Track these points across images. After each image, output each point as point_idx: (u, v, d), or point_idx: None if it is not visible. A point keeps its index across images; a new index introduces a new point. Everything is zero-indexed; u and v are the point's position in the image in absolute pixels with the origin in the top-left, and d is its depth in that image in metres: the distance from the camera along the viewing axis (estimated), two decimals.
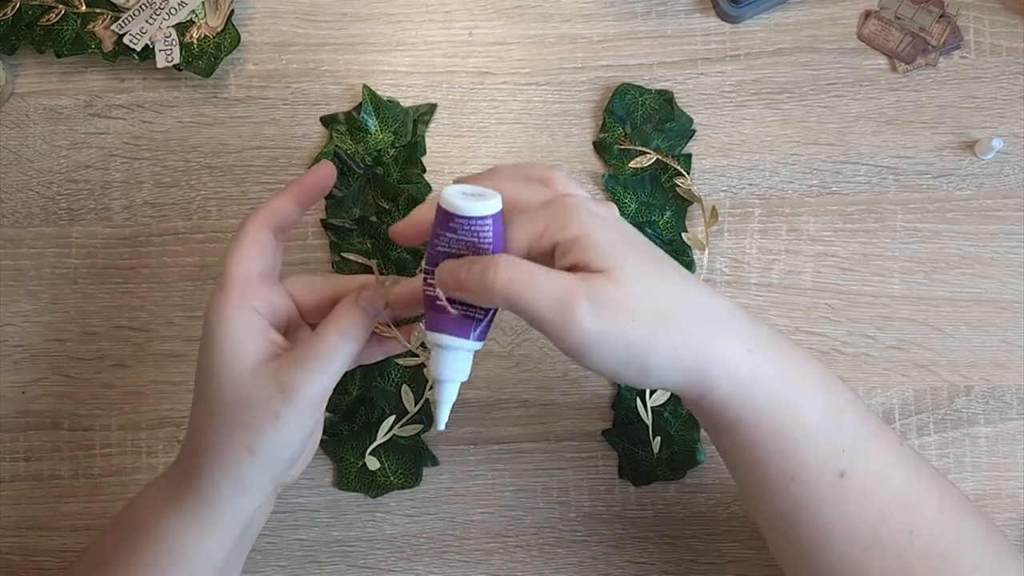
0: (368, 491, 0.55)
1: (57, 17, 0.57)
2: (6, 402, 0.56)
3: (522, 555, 0.55)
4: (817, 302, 0.57)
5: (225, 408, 0.42)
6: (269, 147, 0.58)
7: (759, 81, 0.59)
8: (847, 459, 0.40)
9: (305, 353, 0.42)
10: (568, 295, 0.37)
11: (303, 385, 0.41)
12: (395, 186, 0.57)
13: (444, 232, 0.39)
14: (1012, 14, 0.59)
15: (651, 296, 0.38)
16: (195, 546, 0.44)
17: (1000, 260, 0.57)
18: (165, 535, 0.44)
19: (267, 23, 0.59)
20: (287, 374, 0.41)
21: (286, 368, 0.41)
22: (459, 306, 0.40)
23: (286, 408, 0.41)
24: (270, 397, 0.41)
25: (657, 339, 0.38)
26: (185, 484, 0.44)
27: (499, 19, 0.59)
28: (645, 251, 0.40)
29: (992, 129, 0.58)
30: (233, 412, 0.42)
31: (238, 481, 0.43)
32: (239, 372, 0.41)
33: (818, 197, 0.58)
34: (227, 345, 0.42)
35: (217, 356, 0.42)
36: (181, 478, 0.44)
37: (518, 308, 0.38)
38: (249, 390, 0.41)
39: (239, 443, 0.42)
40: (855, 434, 0.41)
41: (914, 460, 0.42)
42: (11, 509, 0.56)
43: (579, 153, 0.58)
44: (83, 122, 0.58)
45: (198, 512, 0.43)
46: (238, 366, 0.42)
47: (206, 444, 0.43)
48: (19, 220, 0.58)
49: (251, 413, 0.41)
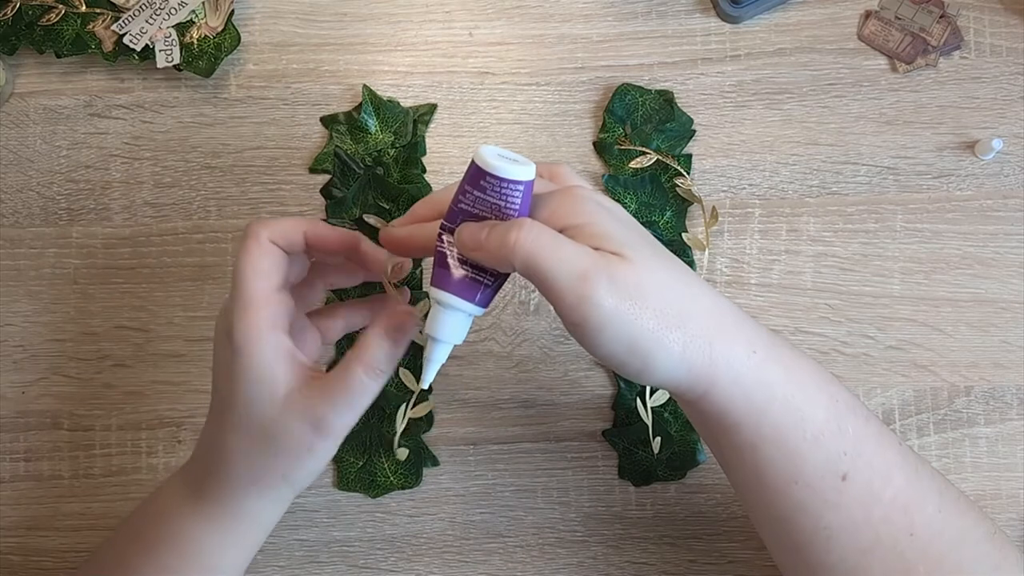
0: (368, 491, 0.55)
1: (57, 17, 0.57)
2: (6, 402, 0.56)
3: (522, 555, 0.55)
4: (817, 302, 0.57)
5: (259, 436, 0.42)
6: (269, 147, 0.58)
7: (759, 81, 0.59)
8: (849, 462, 0.40)
9: (336, 389, 0.41)
10: (590, 268, 0.37)
11: (335, 421, 0.42)
12: (395, 186, 0.57)
13: (472, 190, 0.39)
14: (1012, 14, 0.59)
15: (665, 289, 0.38)
16: (221, 555, 0.44)
17: (1000, 260, 0.57)
18: (191, 544, 0.44)
19: (267, 23, 0.59)
20: (320, 411, 0.41)
21: (318, 404, 0.41)
22: (470, 267, 0.39)
23: (320, 443, 0.42)
24: (304, 432, 0.41)
25: (668, 333, 0.37)
26: (210, 497, 0.44)
27: (499, 19, 0.59)
28: (655, 244, 0.40)
29: (992, 129, 0.58)
30: (268, 442, 0.42)
31: (272, 500, 0.44)
32: (273, 401, 0.41)
33: (818, 197, 0.58)
34: (259, 374, 0.41)
35: (248, 384, 0.41)
36: (204, 489, 0.44)
37: (537, 273, 0.37)
38: (283, 423, 0.42)
39: (276, 471, 0.43)
40: (857, 436, 0.41)
41: (914, 461, 0.42)
42: (11, 509, 0.56)
43: (579, 153, 0.58)
44: (83, 122, 0.58)
45: (225, 524, 0.44)
46: (272, 395, 0.41)
47: (238, 465, 0.43)
48: (19, 220, 0.58)
49: (286, 445, 0.42)
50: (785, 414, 0.40)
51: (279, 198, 0.58)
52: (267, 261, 0.42)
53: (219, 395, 0.43)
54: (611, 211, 0.40)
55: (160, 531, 0.45)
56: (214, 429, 0.44)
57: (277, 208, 0.58)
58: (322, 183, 0.58)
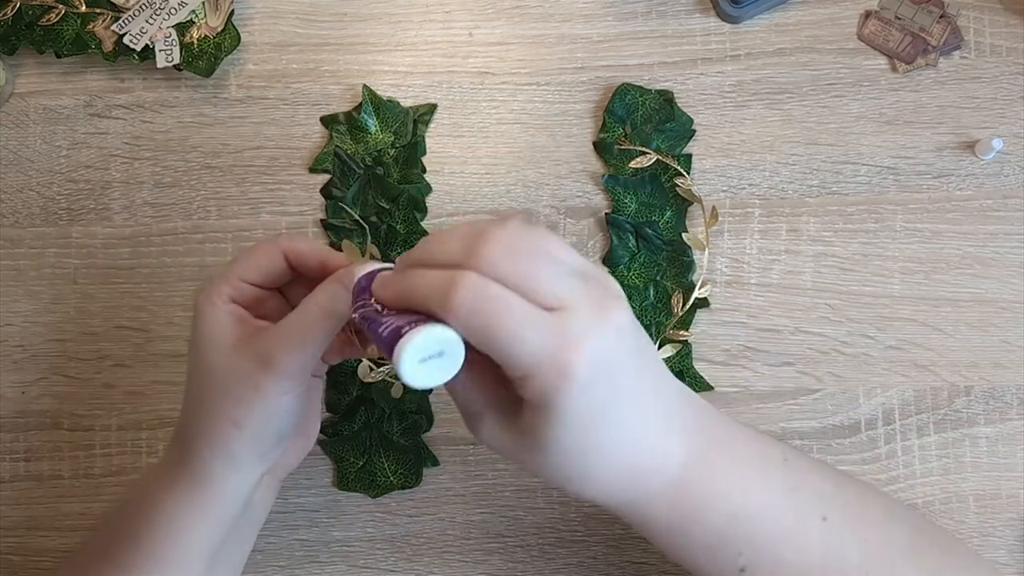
0: (368, 491, 0.55)
1: (57, 17, 0.57)
2: (6, 402, 0.56)
3: (522, 555, 0.55)
4: (817, 302, 0.57)
5: (211, 385, 0.42)
6: (269, 147, 0.58)
7: (759, 81, 0.59)
8: (745, 560, 0.40)
9: (284, 325, 0.41)
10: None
11: (281, 355, 0.41)
12: (395, 186, 0.57)
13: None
14: (1012, 14, 0.59)
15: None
16: (189, 524, 0.44)
17: (1000, 260, 0.57)
18: (160, 516, 0.44)
19: (267, 23, 0.59)
20: (265, 345, 0.41)
21: (265, 340, 0.41)
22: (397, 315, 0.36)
23: (265, 378, 0.41)
24: (250, 369, 0.41)
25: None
26: (179, 465, 0.44)
27: (499, 19, 0.59)
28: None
29: (992, 129, 0.58)
30: (218, 388, 0.42)
31: (228, 457, 0.43)
32: (222, 348, 0.42)
33: (818, 197, 0.58)
34: (212, 328, 0.42)
35: (201, 337, 0.43)
36: (174, 461, 0.45)
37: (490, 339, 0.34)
38: (231, 364, 0.42)
39: (225, 418, 0.42)
40: (752, 533, 0.40)
41: (839, 527, 0.41)
42: (11, 509, 0.56)
43: (579, 153, 0.58)
44: (83, 122, 0.58)
45: (192, 493, 0.44)
46: (221, 342, 0.42)
47: (196, 423, 0.43)
48: (19, 220, 0.58)
49: (233, 387, 0.42)
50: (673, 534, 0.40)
51: (279, 198, 0.58)
52: (220, 325, 0.43)
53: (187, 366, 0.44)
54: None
55: (135, 507, 0.46)
56: (184, 401, 0.44)
57: (277, 208, 0.58)
58: (322, 183, 0.58)
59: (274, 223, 0.58)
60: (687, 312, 0.56)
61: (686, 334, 0.56)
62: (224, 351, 0.42)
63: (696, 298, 0.56)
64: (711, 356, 0.56)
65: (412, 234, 0.57)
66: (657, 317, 0.56)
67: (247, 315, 0.44)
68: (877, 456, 0.56)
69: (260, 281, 0.44)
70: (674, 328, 0.56)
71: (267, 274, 0.44)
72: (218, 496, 0.44)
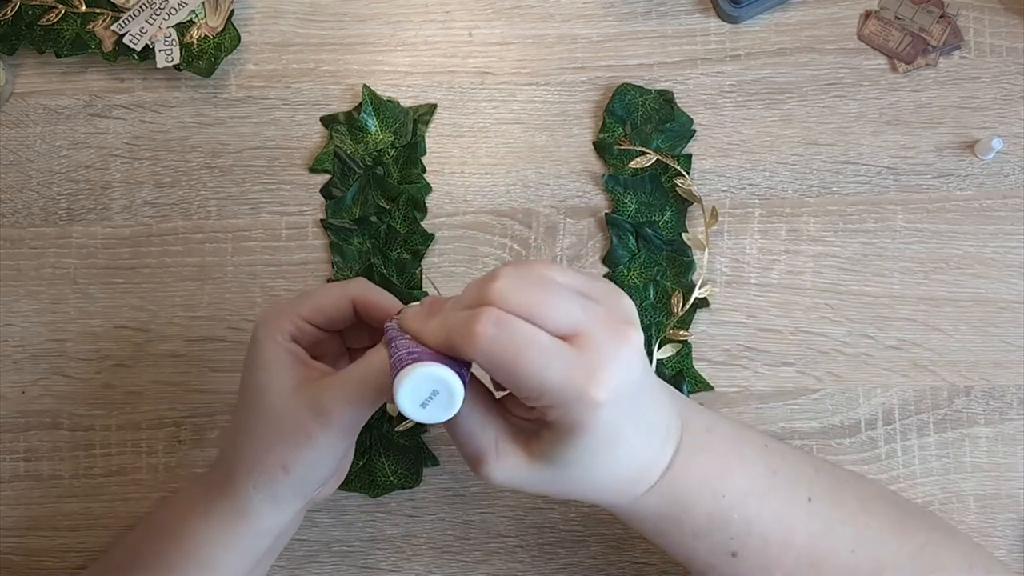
0: (368, 491, 0.55)
1: (57, 17, 0.58)
2: (6, 402, 0.56)
3: (522, 555, 0.55)
4: (817, 302, 0.57)
5: (265, 425, 0.42)
6: (269, 147, 0.58)
7: (759, 81, 0.59)
8: (737, 543, 0.41)
9: (343, 378, 0.41)
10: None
11: (337, 409, 0.40)
12: (395, 186, 0.57)
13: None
14: (1012, 14, 0.59)
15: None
16: (222, 554, 0.44)
17: (1000, 260, 0.57)
18: (194, 540, 0.44)
19: (267, 23, 0.59)
20: (323, 396, 0.41)
21: (323, 390, 0.41)
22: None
23: (320, 430, 0.41)
24: (305, 418, 0.41)
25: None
26: (219, 493, 0.44)
27: (499, 19, 0.59)
28: None
29: (992, 129, 0.58)
30: (272, 430, 0.42)
31: (272, 496, 0.43)
32: (282, 392, 0.41)
33: (818, 197, 0.58)
34: (274, 367, 0.42)
35: (261, 374, 0.42)
36: (215, 486, 0.44)
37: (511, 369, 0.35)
38: (287, 409, 0.41)
39: (274, 460, 0.42)
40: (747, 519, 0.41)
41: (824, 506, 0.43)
42: (11, 509, 0.56)
43: (579, 153, 0.58)
44: (83, 122, 0.58)
45: (229, 522, 0.44)
46: (282, 385, 0.42)
47: (244, 457, 0.43)
48: (19, 220, 0.58)
49: (287, 432, 0.41)
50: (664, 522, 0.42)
51: (279, 198, 0.58)
52: (281, 364, 0.42)
53: (239, 395, 0.44)
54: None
55: (168, 526, 0.45)
56: (232, 428, 0.44)
57: (277, 208, 0.58)
58: (322, 183, 0.58)
59: (274, 223, 0.58)
60: (687, 312, 0.56)
61: (686, 334, 0.56)
62: (283, 394, 0.41)
63: (696, 298, 0.56)
64: (711, 356, 0.56)
65: (412, 234, 0.57)
66: (657, 317, 0.56)
67: (306, 356, 0.43)
68: (877, 456, 0.56)
69: (324, 326, 0.44)
70: (674, 328, 0.56)
71: (332, 320, 0.44)
72: (255, 530, 0.44)
